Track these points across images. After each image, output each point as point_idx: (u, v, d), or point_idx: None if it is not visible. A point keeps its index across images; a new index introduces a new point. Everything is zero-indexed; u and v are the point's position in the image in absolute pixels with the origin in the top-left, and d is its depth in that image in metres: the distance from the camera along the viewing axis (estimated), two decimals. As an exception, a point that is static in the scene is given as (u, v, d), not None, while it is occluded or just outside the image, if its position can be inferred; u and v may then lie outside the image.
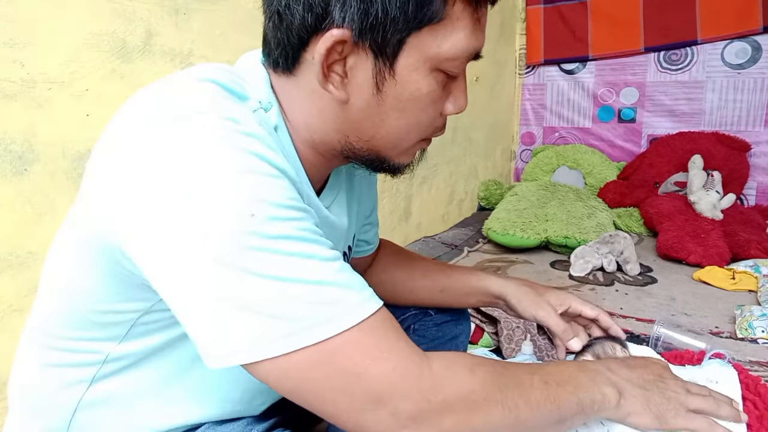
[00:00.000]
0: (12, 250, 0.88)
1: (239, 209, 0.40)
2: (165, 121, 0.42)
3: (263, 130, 0.45)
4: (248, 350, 0.40)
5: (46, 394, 0.55)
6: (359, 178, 0.71)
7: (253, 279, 0.40)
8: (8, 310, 0.89)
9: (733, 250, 1.81)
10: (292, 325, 0.40)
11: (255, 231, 0.40)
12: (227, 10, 1.16)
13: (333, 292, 0.42)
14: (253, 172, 0.41)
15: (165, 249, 0.40)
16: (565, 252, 1.96)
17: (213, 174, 0.40)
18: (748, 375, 0.71)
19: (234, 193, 0.40)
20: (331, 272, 0.43)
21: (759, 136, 2.31)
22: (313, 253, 0.42)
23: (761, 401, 0.65)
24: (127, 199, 0.41)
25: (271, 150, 0.44)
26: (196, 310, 0.41)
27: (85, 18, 0.93)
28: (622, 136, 2.64)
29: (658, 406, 0.55)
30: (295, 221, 0.43)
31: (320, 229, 0.54)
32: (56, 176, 0.91)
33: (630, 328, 1.29)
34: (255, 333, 0.40)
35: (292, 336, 0.40)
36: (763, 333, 1.20)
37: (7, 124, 0.85)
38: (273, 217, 0.41)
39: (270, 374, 0.42)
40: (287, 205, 0.42)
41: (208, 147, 0.41)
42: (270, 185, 0.42)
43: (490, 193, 2.55)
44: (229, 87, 0.47)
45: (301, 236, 0.42)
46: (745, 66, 2.28)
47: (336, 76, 0.48)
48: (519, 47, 2.82)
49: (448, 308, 0.87)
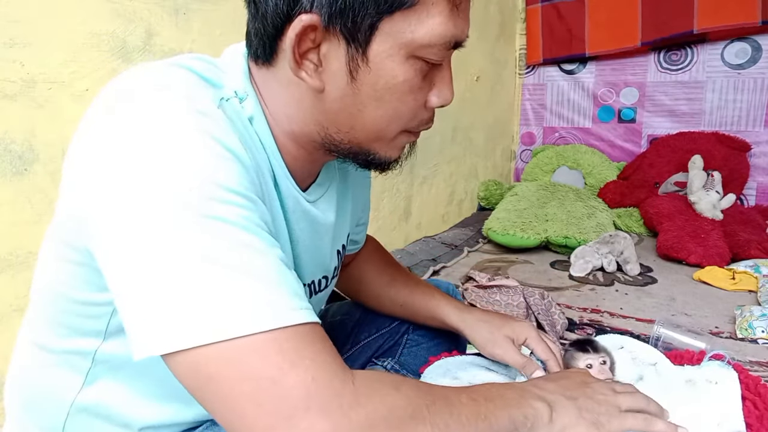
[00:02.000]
0: (12, 250, 0.88)
1: (177, 184, 0.38)
2: (120, 100, 0.42)
3: (222, 113, 0.44)
4: (159, 339, 0.37)
5: (41, 395, 0.55)
6: (354, 177, 0.71)
7: (177, 258, 0.37)
8: (8, 310, 0.89)
9: (733, 250, 1.81)
10: (209, 314, 0.37)
11: (190, 206, 0.38)
12: (227, 10, 1.16)
13: (259, 288, 0.39)
14: (200, 149, 0.40)
15: (105, 222, 0.40)
16: (565, 252, 1.96)
17: (157, 149, 0.39)
18: (748, 375, 0.71)
19: (176, 168, 0.39)
20: (263, 267, 0.40)
21: (759, 136, 2.30)
22: (248, 243, 0.40)
23: (761, 401, 0.65)
24: (80, 179, 0.42)
25: (225, 132, 0.42)
26: (123, 292, 0.39)
27: (85, 18, 0.93)
28: (622, 136, 2.64)
29: (591, 413, 0.53)
30: (236, 207, 0.40)
31: (299, 223, 0.54)
32: (56, 176, 0.91)
33: (630, 328, 1.29)
34: (168, 321, 0.37)
35: (205, 327, 0.37)
36: (763, 333, 1.20)
37: (7, 124, 0.85)
38: (212, 197, 0.39)
39: (179, 368, 0.38)
40: (231, 189, 0.40)
41: (157, 122, 0.40)
42: (216, 165, 0.40)
43: (490, 193, 2.55)
44: (201, 74, 0.47)
45: (239, 223, 0.40)
46: (745, 66, 2.28)
47: (310, 65, 0.48)
48: (519, 47, 2.82)
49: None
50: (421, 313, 0.81)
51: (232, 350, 0.37)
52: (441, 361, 0.79)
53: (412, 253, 1.87)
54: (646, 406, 0.57)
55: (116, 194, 0.39)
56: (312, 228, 0.59)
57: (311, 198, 0.59)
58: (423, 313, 0.81)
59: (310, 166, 0.58)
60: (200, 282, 0.37)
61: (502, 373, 0.76)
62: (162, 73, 0.44)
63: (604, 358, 0.71)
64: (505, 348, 0.72)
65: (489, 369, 0.77)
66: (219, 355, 0.37)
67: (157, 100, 0.41)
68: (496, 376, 0.75)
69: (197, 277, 0.38)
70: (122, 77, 0.45)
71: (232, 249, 0.39)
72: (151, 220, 0.38)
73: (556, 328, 1.25)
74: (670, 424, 0.56)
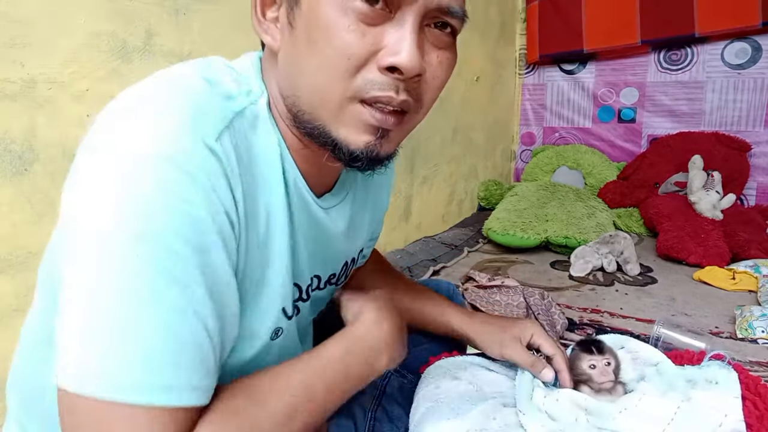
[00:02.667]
0: (12, 250, 0.88)
1: (120, 241, 0.38)
2: (104, 140, 0.41)
3: (219, 145, 0.42)
4: (59, 372, 0.38)
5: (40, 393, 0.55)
6: (376, 193, 0.70)
7: (90, 307, 0.38)
8: (8, 310, 0.89)
9: (733, 250, 1.81)
10: (96, 368, 0.37)
11: (120, 257, 0.38)
12: (227, 10, 1.16)
13: (153, 359, 0.38)
14: (169, 193, 0.39)
15: (66, 254, 0.40)
16: (565, 252, 1.96)
17: (127, 187, 0.38)
18: (748, 375, 0.71)
19: (141, 212, 0.38)
20: (171, 336, 0.39)
21: (759, 136, 2.31)
22: (173, 306, 0.39)
23: (761, 401, 0.65)
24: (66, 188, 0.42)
25: (193, 181, 0.40)
26: (59, 320, 0.40)
27: (85, 18, 0.93)
28: (622, 136, 2.64)
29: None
30: (173, 261, 0.39)
31: (304, 224, 0.53)
32: (56, 176, 0.91)
33: (630, 328, 1.29)
34: (64, 359, 0.38)
35: (88, 379, 0.37)
36: (763, 333, 1.20)
37: (7, 124, 0.85)
38: (143, 253, 0.38)
39: (59, 402, 0.39)
40: (170, 246, 0.39)
41: (126, 176, 0.39)
42: (166, 224, 0.39)
43: (490, 193, 2.55)
44: (218, 85, 0.46)
45: (161, 286, 0.38)
46: (745, 66, 2.28)
47: (271, 25, 0.48)
48: (519, 47, 2.82)
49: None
50: (423, 320, 0.81)
51: (102, 411, 0.37)
52: (441, 361, 0.79)
53: (412, 253, 1.86)
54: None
55: (73, 236, 0.40)
56: (318, 238, 0.58)
57: (325, 205, 0.58)
58: (426, 319, 0.81)
59: (318, 168, 0.55)
60: (101, 334, 0.38)
61: (503, 373, 0.76)
62: (164, 101, 0.42)
63: (609, 360, 0.71)
64: (514, 348, 0.73)
65: (489, 369, 0.77)
66: (91, 409, 0.38)
67: (135, 151, 0.39)
68: (496, 376, 0.75)
69: (101, 328, 0.38)
70: (125, 100, 0.43)
71: (142, 306, 0.38)
72: (88, 267, 0.38)
73: (556, 328, 1.25)
74: None
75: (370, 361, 0.54)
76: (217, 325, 0.42)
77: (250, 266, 0.48)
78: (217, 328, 0.42)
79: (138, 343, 0.38)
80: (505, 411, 0.66)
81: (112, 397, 0.37)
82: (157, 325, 0.38)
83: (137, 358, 0.38)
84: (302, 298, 0.61)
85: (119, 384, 0.37)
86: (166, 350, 0.38)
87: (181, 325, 0.39)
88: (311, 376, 0.50)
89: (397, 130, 0.48)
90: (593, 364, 0.71)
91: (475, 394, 0.70)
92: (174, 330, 0.39)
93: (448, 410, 0.66)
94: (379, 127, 0.46)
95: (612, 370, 0.71)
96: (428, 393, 0.71)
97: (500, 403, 0.68)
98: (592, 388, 0.71)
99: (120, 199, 0.38)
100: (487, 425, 0.63)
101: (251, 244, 0.48)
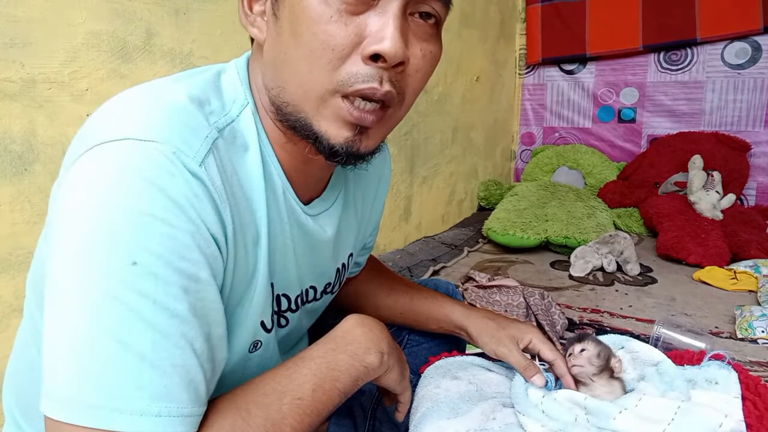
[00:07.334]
0: (12, 250, 0.88)
1: (119, 254, 0.38)
2: (89, 154, 0.40)
3: (203, 170, 0.42)
4: (44, 399, 0.38)
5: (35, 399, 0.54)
6: (371, 198, 0.70)
7: (71, 333, 0.37)
8: (8, 310, 0.89)
9: (733, 250, 1.81)
10: (81, 396, 0.37)
11: (125, 280, 0.38)
12: (227, 10, 1.16)
13: (134, 390, 0.37)
14: (152, 216, 0.38)
15: (48, 258, 0.40)
16: (565, 252, 1.96)
17: (112, 210, 0.38)
18: (748, 375, 0.71)
19: (124, 235, 0.38)
20: (157, 358, 0.38)
21: (759, 136, 2.31)
22: (157, 328, 0.38)
23: (761, 401, 0.65)
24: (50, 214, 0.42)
25: (175, 201, 0.40)
26: (47, 338, 0.39)
27: (85, 18, 0.93)
28: (622, 136, 2.64)
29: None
30: (167, 283, 0.39)
31: (291, 233, 0.53)
32: (56, 176, 0.91)
33: (630, 328, 1.29)
34: (48, 386, 0.38)
35: (72, 407, 0.37)
36: (763, 333, 1.20)
37: (7, 124, 0.85)
38: (125, 279, 0.38)
39: (46, 426, 0.39)
40: (148, 269, 0.38)
41: (107, 196, 0.38)
42: (166, 237, 0.39)
43: (490, 193, 2.55)
44: (198, 103, 0.45)
45: (142, 309, 0.38)
46: (745, 66, 2.29)
47: (257, 17, 0.48)
48: (519, 47, 2.82)
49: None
50: (422, 317, 0.81)
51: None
52: (441, 361, 0.79)
53: (412, 253, 1.87)
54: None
55: (57, 257, 0.39)
56: (303, 243, 0.58)
57: (312, 212, 0.58)
58: (425, 316, 0.80)
59: (305, 163, 0.55)
60: (83, 362, 0.37)
61: (503, 374, 0.76)
62: (151, 112, 0.42)
63: (584, 347, 0.70)
64: (509, 347, 0.72)
65: (489, 369, 0.77)
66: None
67: (119, 177, 0.39)
68: (496, 377, 0.75)
69: (84, 356, 0.37)
70: (106, 113, 0.43)
71: (124, 332, 0.38)
72: (69, 292, 0.38)
73: (556, 328, 1.25)
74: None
75: (359, 354, 0.53)
76: (205, 346, 0.42)
77: (236, 285, 0.48)
78: (206, 351, 0.42)
79: (123, 370, 0.37)
80: (505, 411, 0.66)
81: (94, 425, 0.37)
82: (143, 351, 0.38)
83: (122, 384, 0.37)
84: (291, 308, 0.61)
85: (99, 410, 0.37)
86: (153, 377, 0.38)
87: (168, 349, 0.39)
88: (298, 376, 0.49)
89: (377, 126, 0.48)
90: (570, 353, 0.70)
91: (475, 393, 0.70)
92: (161, 355, 0.38)
93: (448, 410, 0.66)
94: (357, 124, 0.46)
95: (588, 357, 0.69)
96: (428, 393, 0.71)
97: (500, 402, 0.68)
98: (584, 383, 0.70)
99: (103, 225, 0.38)
100: (487, 425, 0.63)
101: (239, 263, 0.48)
